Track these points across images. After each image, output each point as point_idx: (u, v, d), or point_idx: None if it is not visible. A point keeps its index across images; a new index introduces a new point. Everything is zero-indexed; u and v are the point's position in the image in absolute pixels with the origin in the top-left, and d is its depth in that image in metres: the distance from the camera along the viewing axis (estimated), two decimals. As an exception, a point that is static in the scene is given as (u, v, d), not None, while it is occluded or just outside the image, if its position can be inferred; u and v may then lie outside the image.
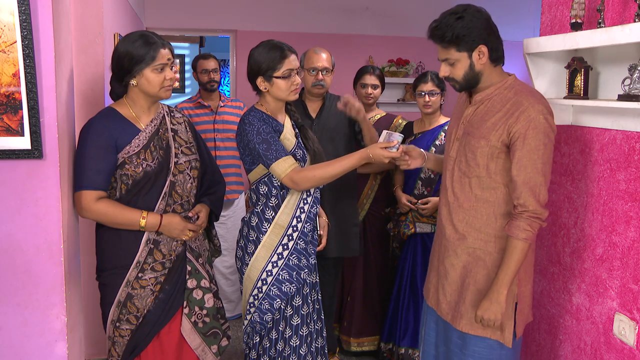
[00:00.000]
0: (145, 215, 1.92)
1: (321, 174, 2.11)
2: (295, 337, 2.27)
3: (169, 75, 1.94)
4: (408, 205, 2.96)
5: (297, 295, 2.26)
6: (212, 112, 3.59)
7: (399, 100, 5.61)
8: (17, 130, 1.71)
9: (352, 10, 5.44)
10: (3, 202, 1.74)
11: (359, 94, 3.20)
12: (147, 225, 1.93)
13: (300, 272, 2.23)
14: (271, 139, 2.11)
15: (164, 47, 1.93)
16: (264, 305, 2.21)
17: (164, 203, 1.98)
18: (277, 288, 2.20)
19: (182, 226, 1.99)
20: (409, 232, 2.99)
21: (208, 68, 3.58)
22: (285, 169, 2.09)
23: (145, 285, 1.97)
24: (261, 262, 2.19)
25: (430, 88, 2.94)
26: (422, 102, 2.97)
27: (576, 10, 1.84)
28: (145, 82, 1.92)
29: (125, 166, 1.92)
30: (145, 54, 1.89)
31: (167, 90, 1.96)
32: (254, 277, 2.20)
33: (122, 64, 1.91)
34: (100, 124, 1.92)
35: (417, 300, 3.04)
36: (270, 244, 2.19)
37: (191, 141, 2.12)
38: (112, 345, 2.02)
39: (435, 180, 2.96)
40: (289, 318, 2.26)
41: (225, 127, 3.57)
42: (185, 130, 2.12)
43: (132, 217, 1.91)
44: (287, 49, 2.16)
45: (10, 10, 1.64)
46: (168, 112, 2.10)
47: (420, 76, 3.01)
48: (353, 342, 3.24)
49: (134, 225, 1.92)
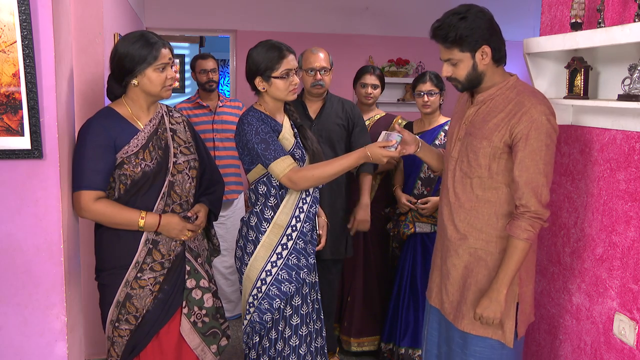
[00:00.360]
0: (144, 215, 1.92)
1: (319, 174, 2.11)
2: (295, 336, 2.27)
3: (170, 75, 1.95)
4: (407, 205, 2.96)
5: (297, 295, 2.26)
6: (210, 112, 3.57)
7: (399, 100, 5.61)
8: (17, 130, 1.71)
9: (352, 10, 5.44)
10: (3, 202, 1.74)
11: (358, 93, 3.20)
12: (145, 225, 1.93)
13: (300, 272, 2.23)
14: (270, 138, 2.11)
15: (165, 46, 1.94)
16: (263, 305, 2.21)
17: (162, 203, 1.98)
18: (276, 288, 2.20)
19: (181, 226, 1.99)
20: (408, 232, 2.99)
21: (207, 68, 3.57)
22: (283, 168, 2.09)
23: (144, 286, 1.97)
24: (260, 262, 2.20)
25: (428, 88, 2.94)
26: (421, 102, 2.97)
27: (576, 10, 1.84)
28: (147, 81, 1.92)
29: (124, 166, 1.92)
30: (147, 54, 1.89)
31: (168, 89, 1.97)
32: (253, 277, 2.21)
33: (123, 65, 1.91)
34: (99, 123, 1.92)
35: (417, 300, 3.04)
36: (269, 244, 2.19)
37: (190, 141, 2.12)
38: (112, 346, 2.02)
39: (435, 180, 2.96)
40: (288, 318, 2.26)
41: (224, 127, 3.55)
42: (184, 130, 2.12)
43: (130, 217, 1.91)
44: (285, 49, 2.17)
45: (10, 10, 1.64)
46: (167, 112, 2.10)
47: (419, 76, 3.01)
48: (353, 342, 3.24)
49: (133, 225, 1.92)
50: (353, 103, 3.00)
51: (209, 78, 3.56)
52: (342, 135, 2.86)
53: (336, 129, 2.84)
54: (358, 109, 3.00)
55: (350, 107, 2.93)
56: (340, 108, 2.90)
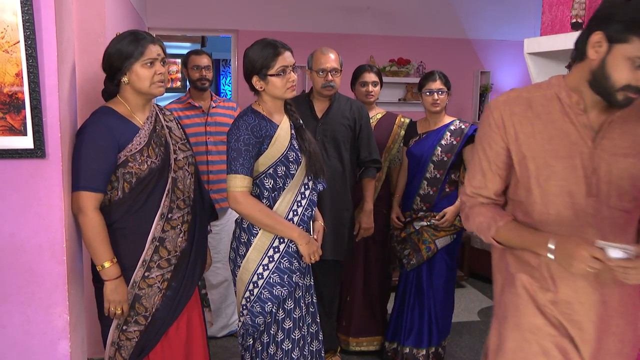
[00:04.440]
0: (110, 264, 1.90)
1: (259, 216, 2.10)
2: (288, 340, 2.25)
3: (159, 70, 1.94)
4: (396, 222, 3.01)
5: (289, 299, 2.23)
6: (203, 113, 3.30)
7: (400, 100, 5.62)
8: (20, 130, 1.72)
9: (353, 10, 5.45)
10: (6, 202, 1.75)
11: (358, 92, 3.18)
12: (104, 270, 1.91)
13: (292, 275, 2.20)
14: (245, 151, 2.08)
15: (154, 43, 1.93)
16: (255, 308, 2.19)
17: (168, 200, 1.98)
18: (268, 291, 2.17)
19: (122, 296, 1.95)
20: (431, 254, 2.97)
21: (200, 64, 3.29)
22: (237, 185, 2.08)
23: (152, 284, 1.98)
24: (252, 264, 2.17)
25: (438, 86, 2.92)
26: (430, 101, 2.94)
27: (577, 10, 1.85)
28: (136, 77, 1.92)
29: (129, 164, 1.92)
30: (134, 50, 1.90)
31: (158, 86, 1.95)
32: (245, 280, 2.19)
33: (112, 62, 1.92)
34: (100, 122, 1.91)
35: (422, 300, 3.04)
36: (261, 247, 2.17)
37: (184, 138, 2.14)
38: (117, 351, 2.00)
39: (441, 180, 2.95)
40: (280, 321, 2.23)
41: (217, 129, 3.27)
42: (177, 127, 2.14)
43: (102, 252, 1.90)
44: (280, 46, 2.15)
45: (14, 10, 1.65)
46: (159, 110, 2.11)
47: (428, 75, 2.98)
48: (352, 342, 3.25)
49: (96, 259, 1.91)
50: (361, 104, 2.99)
51: (202, 75, 3.28)
52: (347, 136, 2.86)
53: (342, 129, 2.84)
54: (366, 110, 2.98)
55: (358, 107, 2.92)
56: (347, 108, 2.88)
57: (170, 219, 1.99)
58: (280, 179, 2.16)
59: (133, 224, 1.95)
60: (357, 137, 2.89)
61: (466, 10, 5.68)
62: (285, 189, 2.17)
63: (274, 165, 2.15)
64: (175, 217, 2.01)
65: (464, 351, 3.42)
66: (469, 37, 5.77)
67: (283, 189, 2.17)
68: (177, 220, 2.02)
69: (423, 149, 3.00)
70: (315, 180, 2.27)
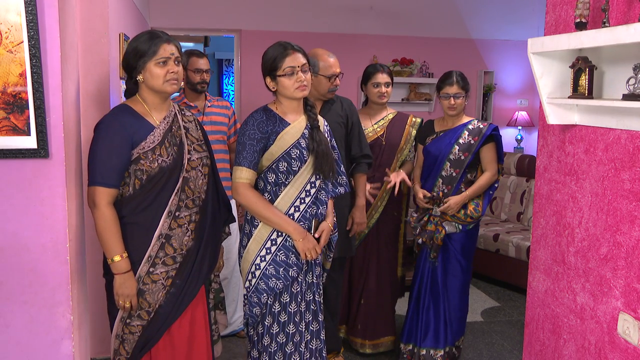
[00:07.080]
0: (120, 258, 1.93)
1: (255, 208, 2.18)
2: (282, 334, 2.28)
3: (172, 69, 1.97)
4: (422, 201, 2.96)
5: (285, 292, 2.27)
6: (199, 112, 3.26)
7: (403, 100, 5.61)
8: (24, 130, 1.72)
9: (356, 10, 5.44)
10: (10, 201, 1.76)
11: (371, 93, 3.15)
12: (113, 264, 1.93)
13: (288, 270, 2.23)
14: (249, 145, 2.17)
15: (169, 42, 1.97)
16: (253, 298, 2.26)
17: (177, 198, 2.00)
18: (264, 282, 2.23)
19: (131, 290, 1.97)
20: (441, 236, 2.96)
21: (202, 68, 3.26)
22: (239, 177, 2.18)
23: (156, 280, 1.99)
24: (251, 255, 2.24)
25: (455, 91, 2.89)
26: (447, 105, 2.92)
27: (581, 10, 1.84)
28: (149, 76, 1.96)
29: (141, 161, 1.94)
30: (147, 49, 1.94)
31: (172, 84, 1.99)
32: (245, 270, 2.27)
33: (129, 60, 1.98)
34: (115, 119, 1.95)
35: (438, 301, 3.02)
36: (260, 238, 2.23)
37: (202, 139, 2.16)
38: (121, 343, 2.02)
39: (457, 179, 2.93)
40: (276, 314, 2.27)
41: (213, 128, 3.25)
42: (196, 128, 2.16)
43: (113, 246, 1.92)
44: (290, 47, 2.18)
45: (17, 10, 1.65)
46: (179, 111, 2.13)
47: (445, 77, 2.94)
48: (369, 345, 3.24)
49: (107, 253, 1.94)
50: (350, 101, 3.01)
51: (203, 79, 3.25)
52: (342, 133, 2.87)
53: (337, 128, 2.84)
54: (354, 107, 3.00)
55: (348, 104, 2.94)
56: (339, 106, 2.91)
57: (177, 217, 2.01)
58: (282, 174, 2.21)
59: (141, 220, 1.98)
60: (349, 134, 2.90)
61: (470, 10, 5.67)
62: (288, 185, 2.21)
63: (277, 160, 2.20)
64: (182, 215, 2.02)
65: (467, 351, 3.41)
66: (473, 37, 5.76)
67: (285, 184, 2.21)
68: (184, 218, 2.03)
69: (440, 147, 2.98)
70: (326, 180, 2.29)
